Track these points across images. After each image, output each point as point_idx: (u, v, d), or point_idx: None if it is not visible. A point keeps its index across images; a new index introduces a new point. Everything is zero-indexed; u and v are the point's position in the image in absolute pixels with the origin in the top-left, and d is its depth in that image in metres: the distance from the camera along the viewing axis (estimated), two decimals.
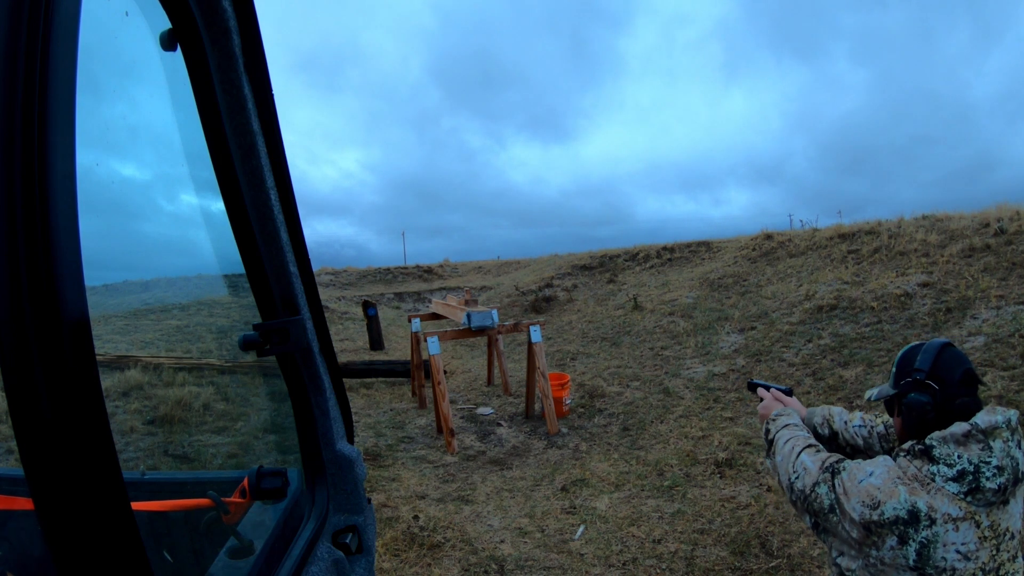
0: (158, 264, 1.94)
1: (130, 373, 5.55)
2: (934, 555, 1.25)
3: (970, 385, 1.38)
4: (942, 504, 1.26)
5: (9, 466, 1.94)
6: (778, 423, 1.68)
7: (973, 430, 1.29)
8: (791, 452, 1.53)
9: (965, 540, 1.25)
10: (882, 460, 1.36)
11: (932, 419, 1.36)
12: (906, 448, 1.35)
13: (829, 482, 1.38)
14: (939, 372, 1.38)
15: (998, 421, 1.29)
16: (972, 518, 1.26)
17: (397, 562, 3.20)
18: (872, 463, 1.36)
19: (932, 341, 1.45)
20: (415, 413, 6.36)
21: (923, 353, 1.42)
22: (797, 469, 1.47)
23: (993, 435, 1.29)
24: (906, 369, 1.43)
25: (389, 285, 20.02)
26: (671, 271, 12.27)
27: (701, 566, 3.08)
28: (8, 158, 0.44)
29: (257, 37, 0.87)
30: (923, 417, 1.37)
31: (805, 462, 1.46)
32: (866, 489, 1.32)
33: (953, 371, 1.38)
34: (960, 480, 1.27)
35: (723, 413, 5.59)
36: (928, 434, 1.35)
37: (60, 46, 0.48)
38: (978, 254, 7.13)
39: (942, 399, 1.36)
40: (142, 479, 1.32)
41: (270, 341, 0.91)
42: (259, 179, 0.90)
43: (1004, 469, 1.27)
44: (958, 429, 1.30)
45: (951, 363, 1.39)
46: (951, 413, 1.35)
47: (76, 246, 0.49)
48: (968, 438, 1.29)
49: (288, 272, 0.96)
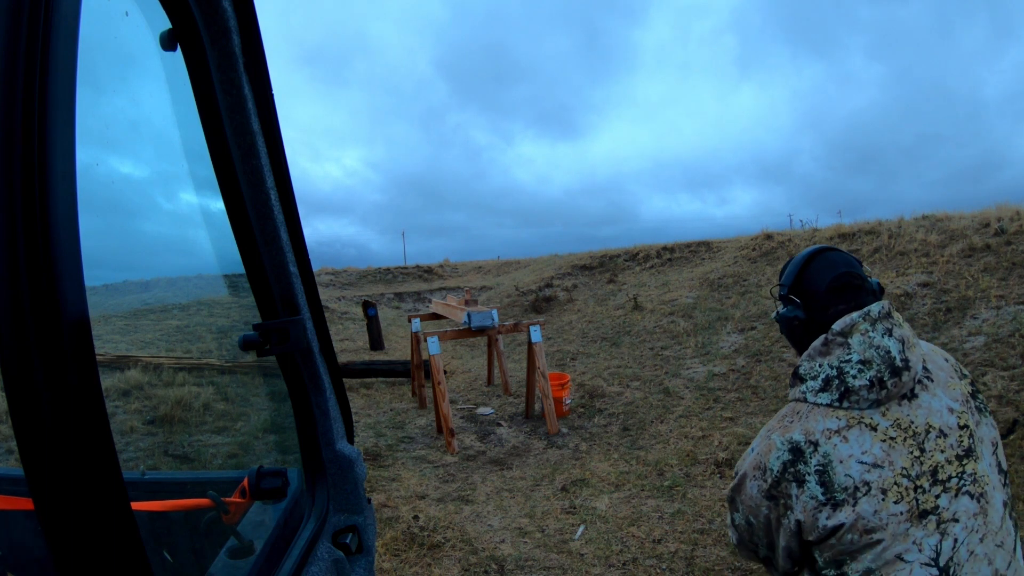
0: (158, 264, 1.94)
1: (130, 373, 5.55)
2: (836, 477, 1.13)
3: (843, 292, 1.25)
4: (817, 423, 1.16)
5: (9, 466, 1.94)
6: None
7: (829, 335, 1.21)
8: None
9: (864, 448, 1.13)
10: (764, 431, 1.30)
11: (803, 333, 1.28)
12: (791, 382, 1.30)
13: (731, 500, 1.32)
14: (804, 284, 1.29)
15: (854, 317, 1.20)
16: (860, 423, 1.15)
17: (397, 562, 3.20)
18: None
19: (805, 250, 1.34)
20: (415, 413, 6.36)
21: (791, 266, 1.33)
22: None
23: (851, 333, 1.19)
24: (782, 280, 1.35)
25: (389, 285, 20.02)
26: (671, 271, 12.27)
27: (701, 566, 3.08)
28: (8, 158, 0.44)
29: (257, 37, 0.87)
30: (793, 332, 1.31)
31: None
32: (750, 465, 1.25)
33: (820, 280, 1.27)
34: (828, 388, 1.19)
35: (723, 413, 5.59)
36: (795, 346, 1.33)
37: (60, 46, 0.48)
38: (978, 254, 7.13)
39: (811, 311, 1.27)
40: (142, 479, 1.32)
41: (270, 341, 0.91)
42: (259, 179, 0.90)
43: (871, 362, 1.16)
44: (818, 341, 1.23)
45: (818, 272, 1.28)
46: (825, 325, 1.24)
47: (76, 246, 0.49)
48: (828, 345, 1.20)
49: (288, 272, 0.96)
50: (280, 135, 0.93)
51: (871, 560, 1.11)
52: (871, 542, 1.11)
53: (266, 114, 0.90)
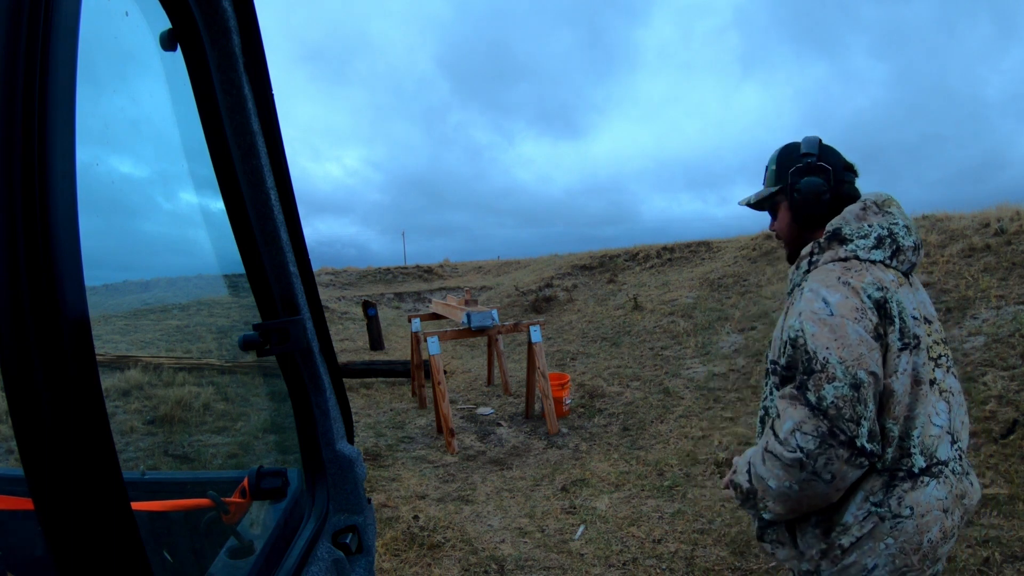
0: (158, 264, 1.94)
1: (130, 373, 5.55)
2: (907, 324, 1.20)
3: (851, 170, 1.38)
4: (884, 273, 1.23)
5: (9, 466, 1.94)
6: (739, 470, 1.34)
7: (867, 203, 1.32)
8: (755, 457, 1.25)
9: (913, 304, 1.25)
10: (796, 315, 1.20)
11: (827, 202, 1.34)
12: (812, 250, 1.31)
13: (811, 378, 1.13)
14: (827, 156, 1.36)
15: (881, 193, 1.34)
16: (907, 282, 1.27)
17: (397, 562, 3.19)
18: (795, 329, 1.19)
19: (794, 141, 1.41)
20: (415, 413, 6.36)
21: (805, 142, 1.38)
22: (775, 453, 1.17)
23: (889, 204, 1.32)
24: (792, 158, 1.37)
25: (389, 285, 20.01)
26: (671, 271, 12.26)
27: (701, 566, 3.08)
28: (8, 158, 0.44)
29: (257, 37, 0.87)
30: (819, 200, 1.33)
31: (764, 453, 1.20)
32: (847, 309, 1.15)
33: (838, 156, 1.37)
34: (881, 246, 1.27)
35: (723, 413, 5.59)
36: (819, 225, 1.35)
37: (60, 46, 0.48)
38: (978, 254, 7.12)
39: (834, 181, 1.34)
40: (142, 479, 1.32)
41: (270, 341, 0.91)
42: (259, 179, 0.90)
43: (910, 228, 1.31)
44: (853, 207, 1.32)
45: (833, 150, 1.37)
46: (840, 197, 1.35)
47: (76, 246, 0.49)
48: (866, 211, 1.31)
49: (288, 272, 0.96)
50: (280, 135, 0.93)
51: (918, 412, 1.20)
52: (918, 395, 1.20)
53: (266, 114, 0.90)
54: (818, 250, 1.30)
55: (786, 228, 1.41)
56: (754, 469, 1.23)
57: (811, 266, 1.30)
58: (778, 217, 1.42)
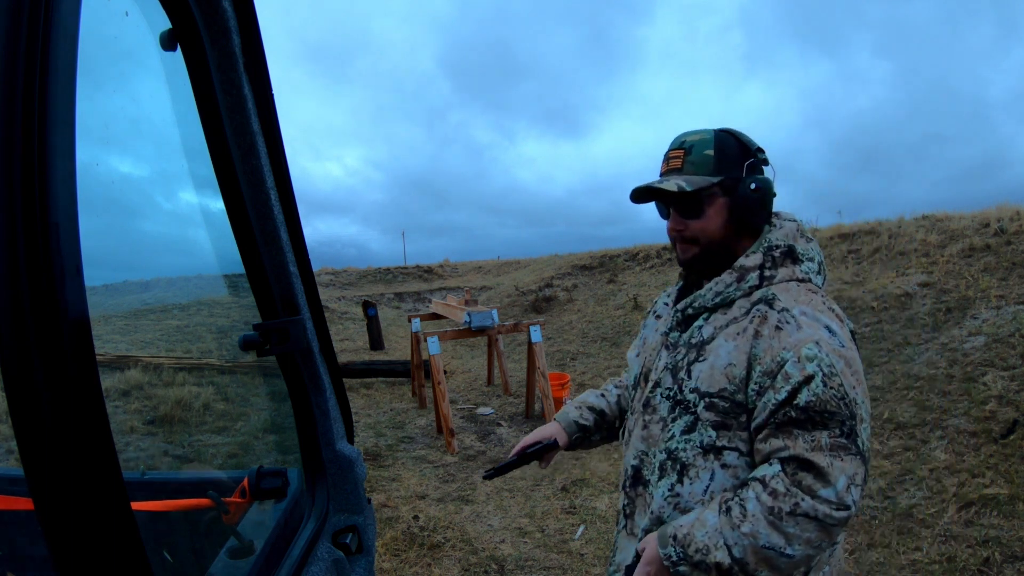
0: (158, 264, 1.94)
1: (130, 373, 5.55)
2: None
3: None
4: (832, 305, 1.13)
5: (9, 466, 1.94)
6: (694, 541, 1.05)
7: (799, 224, 1.20)
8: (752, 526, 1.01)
9: None
10: (812, 344, 1.02)
11: (766, 207, 1.16)
12: (763, 264, 1.14)
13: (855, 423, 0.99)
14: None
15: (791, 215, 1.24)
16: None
17: (397, 562, 3.19)
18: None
19: (718, 128, 1.21)
20: (415, 413, 6.36)
21: (744, 138, 1.19)
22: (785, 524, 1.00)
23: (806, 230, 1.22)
24: (739, 149, 1.16)
25: (389, 285, 20.01)
26: (671, 271, 12.26)
27: None
28: (8, 158, 0.44)
29: (257, 36, 0.87)
30: (763, 205, 1.15)
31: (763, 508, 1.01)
32: (844, 365, 1.01)
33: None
34: (821, 272, 1.19)
35: None
36: (749, 233, 1.19)
37: (60, 46, 0.48)
38: (978, 254, 7.13)
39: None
40: (142, 479, 1.32)
41: (270, 341, 0.91)
42: (259, 179, 0.90)
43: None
44: (792, 225, 1.19)
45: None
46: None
47: (76, 246, 0.49)
48: (801, 233, 1.19)
49: (288, 272, 0.96)
50: (280, 135, 0.93)
51: None
52: None
53: (266, 114, 0.90)
54: (771, 265, 1.14)
55: (718, 230, 1.17)
56: (754, 542, 1.00)
57: (763, 282, 1.13)
58: (705, 215, 1.16)
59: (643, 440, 1.21)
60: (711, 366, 1.10)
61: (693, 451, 1.11)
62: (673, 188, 1.12)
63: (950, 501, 3.35)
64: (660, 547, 1.08)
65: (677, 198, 1.17)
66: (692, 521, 1.07)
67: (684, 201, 1.17)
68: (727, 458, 1.10)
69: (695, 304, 1.18)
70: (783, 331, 1.05)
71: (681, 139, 1.20)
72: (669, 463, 1.15)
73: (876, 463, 4.01)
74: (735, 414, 1.08)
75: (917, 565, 2.87)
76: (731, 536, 1.01)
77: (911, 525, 3.23)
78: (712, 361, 1.11)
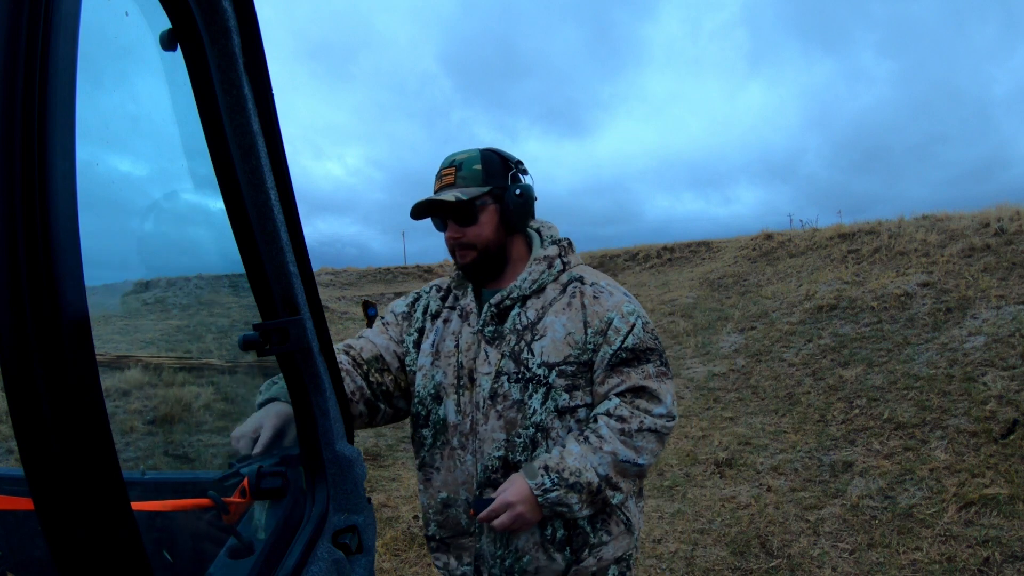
0: (158, 264, 1.94)
1: (130, 373, 5.55)
2: None
3: None
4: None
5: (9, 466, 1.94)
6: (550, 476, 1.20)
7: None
8: (611, 447, 1.23)
9: None
10: (626, 303, 1.32)
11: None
12: (560, 253, 1.40)
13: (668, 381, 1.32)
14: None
15: None
16: None
17: (397, 562, 3.20)
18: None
19: (481, 148, 1.41)
20: None
21: (505, 151, 1.39)
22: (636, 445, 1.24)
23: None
24: (502, 163, 1.36)
25: (389, 285, 20.02)
26: (671, 271, 12.27)
27: (701, 566, 3.08)
28: (8, 158, 0.44)
29: (257, 36, 0.87)
30: (531, 203, 1.39)
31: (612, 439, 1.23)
32: (650, 326, 1.34)
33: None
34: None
35: (723, 413, 5.59)
36: (518, 230, 1.40)
37: (60, 46, 0.48)
38: (978, 254, 7.13)
39: None
40: (142, 479, 1.32)
41: (270, 341, 0.90)
42: (259, 179, 0.90)
43: None
44: (549, 223, 1.49)
45: None
46: None
47: (76, 246, 0.48)
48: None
49: (288, 272, 0.96)
50: (280, 135, 0.93)
51: None
52: None
53: (266, 114, 0.90)
54: (564, 253, 1.40)
55: (492, 233, 1.34)
56: (614, 459, 1.21)
57: (564, 267, 1.38)
58: (479, 222, 1.32)
59: (502, 429, 1.30)
60: (552, 340, 1.28)
61: (550, 416, 1.28)
62: (451, 199, 1.28)
63: (950, 501, 3.35)
64: (529, 479, 1.21)
65: (455, 208, 1.31)
66: (559, 454, 1.23)
67: (460, 211, 1.32)
68: (580, 414, 1.30)
69: (512, 295, 1.34)
70: (600, 299, 1.31)
71: (451, 158, 1.36)
72: (539, 434, 1.28)
73: (876, 463, 4.01)
74: (582, 374, 1.29)
75: (917, 565, 2.87)
76: (594, 459, 1.21)
77: (911, 525, 3.23)
78: (552, 336, 1.28)
